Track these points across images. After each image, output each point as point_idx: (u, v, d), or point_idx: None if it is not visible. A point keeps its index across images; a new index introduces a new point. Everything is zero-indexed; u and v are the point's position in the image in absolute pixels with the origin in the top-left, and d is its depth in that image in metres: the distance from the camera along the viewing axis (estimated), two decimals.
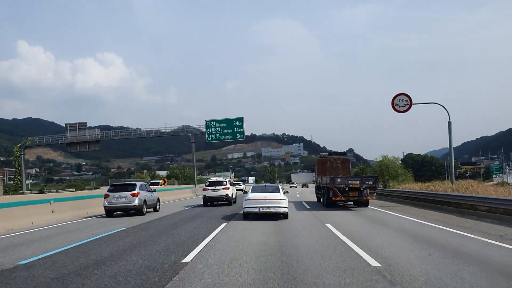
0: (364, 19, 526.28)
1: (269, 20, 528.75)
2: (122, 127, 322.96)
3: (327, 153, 28.41)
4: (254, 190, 17.49)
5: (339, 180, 21.57)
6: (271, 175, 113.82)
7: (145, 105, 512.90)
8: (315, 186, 29.56)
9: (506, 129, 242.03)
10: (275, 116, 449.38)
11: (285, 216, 16.46)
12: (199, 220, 16.94)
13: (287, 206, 16.55)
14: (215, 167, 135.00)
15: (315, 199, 30.99)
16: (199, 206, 26.02)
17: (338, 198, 21.39)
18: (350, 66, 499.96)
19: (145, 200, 20.25)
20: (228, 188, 25.95)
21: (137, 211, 19.85)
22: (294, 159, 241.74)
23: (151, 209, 21.58)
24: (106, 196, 19.69)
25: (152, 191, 22.29)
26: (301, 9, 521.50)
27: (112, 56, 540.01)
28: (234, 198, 27.69)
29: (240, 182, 73.03)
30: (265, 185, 19.20)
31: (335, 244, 10.08)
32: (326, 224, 14.63)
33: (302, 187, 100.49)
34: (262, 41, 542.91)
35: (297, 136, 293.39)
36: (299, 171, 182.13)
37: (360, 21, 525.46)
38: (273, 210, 16.11)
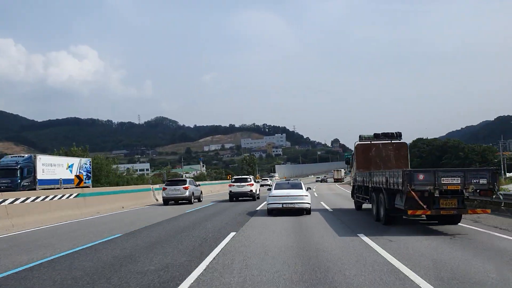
0: (341, 12, 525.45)
1: (247, 12, 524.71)
2: (91, 119, 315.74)
3: (372, 135, 18.87)
4: (278, 187, 18.38)
5: (421, 177, 11.79)
6: (250, 167, 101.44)
7: (120, 98, 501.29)
8: (353, 186, 20.04)
9: (493, 119, 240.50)
10: (255, 107, 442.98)
11: (307, 211, 17.03)
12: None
13: (310, 202, 17.20)
14: (189, 161, 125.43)
15: (347, 205, 21.99)
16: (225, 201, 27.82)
17: (420, 212, 11.73)
18: (329, 58, 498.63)
19: (193, 192, 25.74)
20: (252, 184, 27.86)
21: (187, 200, 25.39)
22: (276, 151, 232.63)
23: (196, 200, 26.67)
24: (164, 189, 25.62)
25: (197, 185, 27.88)
26: (279, 1, 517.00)
27: (86, 49, 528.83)
28: (258, 194, 29.33)
29: (268, 178, 79.23)
30: (288, 182, 20.36)
31: None
32: None
33: (321, 181, 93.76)
34: (240, 33, 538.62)
35: (279, 126, 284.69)
36: (283, 163, 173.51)
37: (338, 14, 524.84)
38: (296, 206, 16.82)
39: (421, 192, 11.60)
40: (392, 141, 18.61)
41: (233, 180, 28.99)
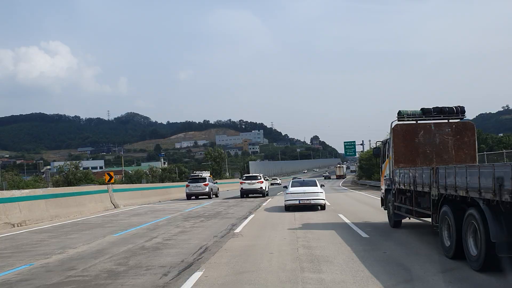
0: (315, 10, 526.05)
1: (222, 9, 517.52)
2: (58, 115, 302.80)
3: (419, 111, 12.39)
4: (294, 185, 19.97)
5: None
6: (217, 163, 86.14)
7: (93, 95, 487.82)
8: (386, 190, 13.46)
9: (475, 116, 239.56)
10: (232, 104, 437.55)
11: (322, 207, 18.66)
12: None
13: (324, 198, 18.87)
14: (159, 158, 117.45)
15: (373, 216, 15.86)
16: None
17: None
18: (304, 55, 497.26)
19: (211, 189, 30.67)
20: (262, 182, 30.12)
21: (207, 196, 30.04)
22: (253, 148, 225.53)
23: (214, 195, 31.40)
24: (187, 186, 30.25)
25: (214, 183, 33.53)
26: (254, 0, 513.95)
27: (58, 45, 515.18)
28: (267, 191, 31.40)
29: (277, 178, 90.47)
30: (303, 180, 22.22)
31: None
32: None
33: (325, 178, 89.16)
34: (216, 31, 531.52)
35: (256, 123, 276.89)
36: (259, 161, 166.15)
37: (312, 13, 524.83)
38: (312, 202, 18.35)
39: None
40: (451, 120, 12.26)
41: (244, 178, 31.58)
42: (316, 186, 19.23)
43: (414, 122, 12.39)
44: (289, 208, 18.54)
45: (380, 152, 14.64)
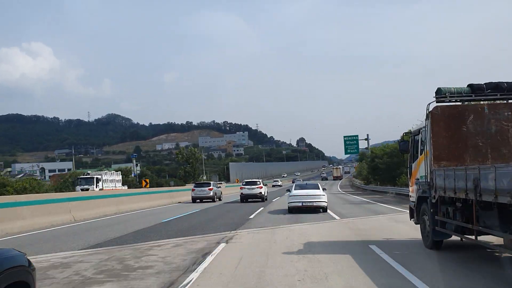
0: (300, 14, 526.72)
1: (207, 12, 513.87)
2: (36, 116, 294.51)
3: (466, 89, 9.05)
4: (297, 188, 20.84)
5: None
6: (190, 164, 76.26)
7: (76, 98, 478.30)
8: (419, 198, 10.02)
9: None
10: (216, 106, 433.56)
11: (324, 209, 19.37)
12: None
13: (326, 201, 19.82)
14: (138, 160, 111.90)
15: (396, 231, 12.44)
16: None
17: None
18: (288, 58, 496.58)
19: (215, 193, 32.40)
20: (262, 187, 31.18)
21: (211, 199, 31.70)
22: (237, 150, 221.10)
23: (217, 199, 33.00)
24: (193, 190, 32.36)
25: (218, 187, 36.03)
26: (239, 3, 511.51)
27: (40, 46, 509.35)
28: (266, 196, 32.19)
29: (278, 180, 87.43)
30: (306, 183, 23.42)
31: None
32: None
33: (322, 180, 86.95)
34: (201, 33, 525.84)
35: (241, 124, 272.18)
36: (244, 162, 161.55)
37: (297, 16, 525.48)
38: (314, 204, 19.24)
39: None
40: (510, 101, 8.98)
41: (244, 183, 32.48)
42: (319, 189, 20.25)
43: (460, 103, 9.09)
44: (292, 210, 19.32)
45: (409, 146, 11.25)
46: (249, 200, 30.70)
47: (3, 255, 3.82)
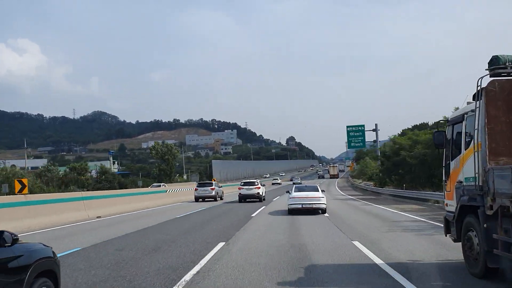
0: (291, 14, 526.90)
1: (198, 11, 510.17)
2: (19, 113, 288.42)
3: None
4: (297, 190, 21.14)
5: None
6: (165, 162, 72.27)
7: (64, 95, 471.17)
8: (460, 208, 7.41)
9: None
10: (205, 105, 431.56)
11: (323, 211, 19.78)
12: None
13: (326, 203, 20.20)
14: (122, 158, 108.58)
15: (419, 251, 9.54)
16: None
17: None
18: (279, 58, 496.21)
19: (217, 192, 33.78)
20: (259, 187, 31.90)
21: (213, 198, 33.23)
22: (226, 148, 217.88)
23: (219, 198, 34.46)
24: (196, 189, 33.71)
25: (220, 187, 36.81)
26: (230, 2, 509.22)
27: (27, 43, 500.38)
28: (264, 196, 32.76)
29: (277, 178, 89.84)
30: (306, 186, 24.36)
31: None
32: None
33: (319, 178, 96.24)
34: (191, 32, 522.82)
35: (229, 122, 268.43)
36: (232, 160, 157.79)
37: (288, 16, 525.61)
38: (314, 206, 19.56)
39: None
40: None
41: (242, 183, 33.12)
42: (318, 191, 20.74)
43: None
44: (292, 212, 19.71)
45: (445, 138, 8.63)
46: (247, 200, 31.36)
47: (33, 248, 4.75)
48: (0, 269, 4.05)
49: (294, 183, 66.91)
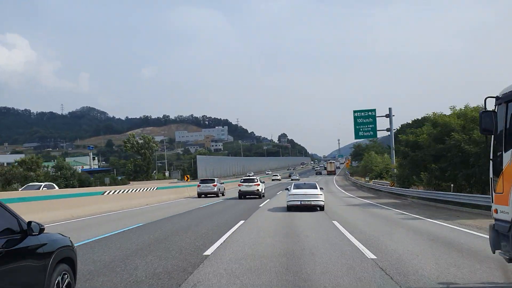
0: (282, 12, 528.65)
1: (188, 8, 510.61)
2: (5, 108, 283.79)
3: None
4: (296, 187, 21.80)
5: None
6: (142, 156, 67.97)
7: (52, 91, 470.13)
8: None
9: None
10: (195, 101, 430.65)
11: (321, 208, 20.47)
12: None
13: (324, 200, 20.78)
14: (110, 154, 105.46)
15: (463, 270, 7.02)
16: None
17: None
18: (269, 55, 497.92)
19: (219, 188, 36.06)
20: (259, 184, 33.40)
21: (215, 194, 35.34)
22: (216, 145, 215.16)
23: (221, 194, 36.61)
24: (198, 186, 35.76)
25: (222, 183, 38.78)
26: (222, 0, 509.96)
27: (16, 38, 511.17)
28: (263, 193, 34.52)
29: (277, 174, 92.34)
30: (304, 183, 23.58)
31: None
32: None
33: (316, 174, 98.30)
34: (181, 29, 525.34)
35: (220, 119, 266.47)
36: (221, 156, 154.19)
37: (278, 14, 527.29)
38: (312, 203, 20.26)
39: None
40: None
41: (242, 180, 34.62)
42: (316, 188, 21.28)
43: None
44: (291, 208, 20.27)
45: (496, 121, 6.19)
46: (247, 196, 32.65)
47: (53, 237, 5.18)
48: (30, 255, 4.52)
49: (292, 179, 66.60)
